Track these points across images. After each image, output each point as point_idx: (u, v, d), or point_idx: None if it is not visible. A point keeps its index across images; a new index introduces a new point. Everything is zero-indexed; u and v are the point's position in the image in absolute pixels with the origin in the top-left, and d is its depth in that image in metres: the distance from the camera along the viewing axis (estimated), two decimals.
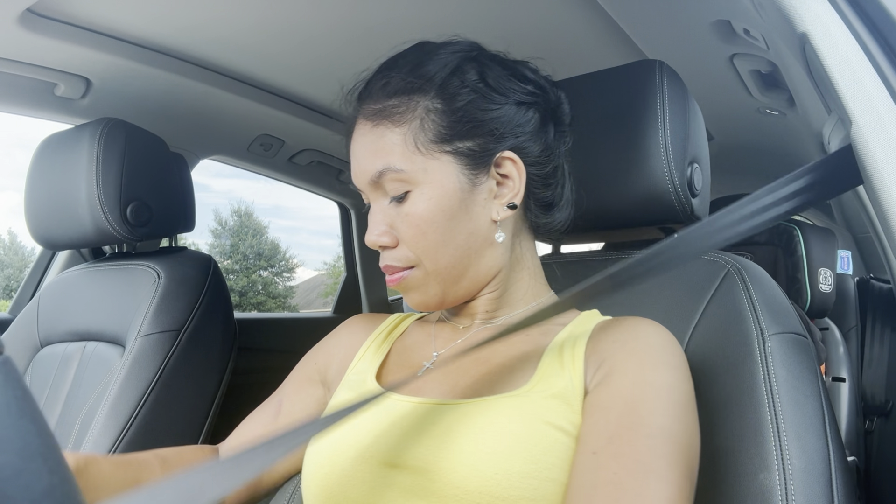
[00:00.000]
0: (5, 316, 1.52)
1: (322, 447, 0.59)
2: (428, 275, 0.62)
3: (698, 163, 0.74)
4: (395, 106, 0.60)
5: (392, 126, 0.60)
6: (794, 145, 1.67)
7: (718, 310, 0.66)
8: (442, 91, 0.60)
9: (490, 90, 0.61)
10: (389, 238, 0.62)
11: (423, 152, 0.59)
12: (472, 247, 0.61)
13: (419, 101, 0.60)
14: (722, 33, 1.10)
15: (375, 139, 0.61)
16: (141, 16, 1.10)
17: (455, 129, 0.59)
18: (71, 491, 0.29)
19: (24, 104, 1.27)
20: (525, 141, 0.62)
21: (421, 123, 0.59)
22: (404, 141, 0.59)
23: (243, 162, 1.75)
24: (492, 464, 0.50)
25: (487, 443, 0.51)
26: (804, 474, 0.53)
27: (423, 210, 0.59)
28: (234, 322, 1.21)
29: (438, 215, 0.59)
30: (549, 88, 0.66)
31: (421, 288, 0.63)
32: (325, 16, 1.10)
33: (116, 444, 0.97)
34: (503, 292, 0.66)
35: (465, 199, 0.60)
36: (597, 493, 0.47)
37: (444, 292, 0.63)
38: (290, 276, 27.40)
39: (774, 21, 0.60)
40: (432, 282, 0.62)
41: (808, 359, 0.60)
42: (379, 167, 0.60)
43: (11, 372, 0.30)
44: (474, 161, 0.60)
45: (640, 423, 0.49)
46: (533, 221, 0.67)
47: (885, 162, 0.46)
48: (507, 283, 0.66)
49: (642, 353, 0.55)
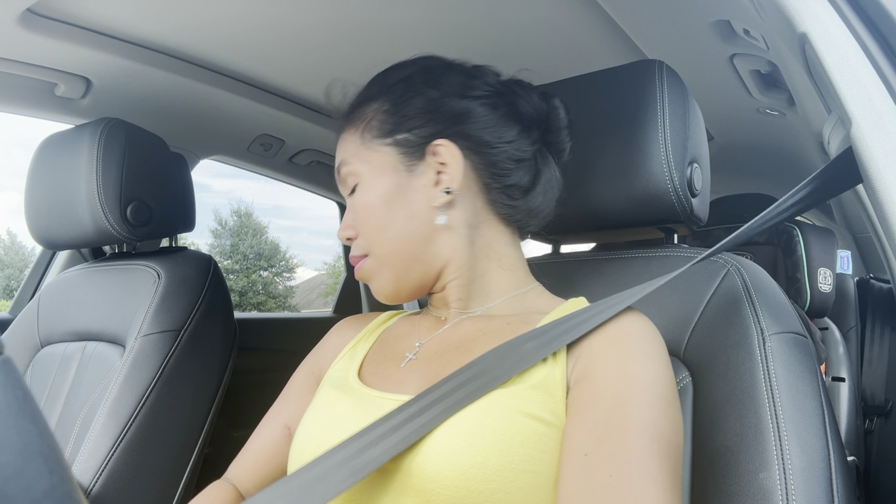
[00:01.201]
0: (5, 316, 1.52)
1: (305, 446, 0.60)
2: (378, 261, 0.66)
3: (698, 163, 0.74)
4: (354, 111, 0.69)
5: (350, 128, 0.69)
6: (794, 145, 1.67)
7: (718, 309, 0.66)
8: (390, 94, 0.67)
9: (429, 87, 0.66)
10: (352, 231, 0.68)
11: (368, 147, 0.66)
12: (414, 231, 0.65)
13: (371, 104, 0.68)
14: (722, 33, 1.10)
15: (341, 142, 0.70)
16: (141, 16, 1.10)
17: (396, 125, 0.65)
18: (71, 491, 0.29)
19: (25, 104, 1.27)
20: (470, 130, 0.65)
21: (369, 122, 0.67)
22: (354, 140, 0.68)
23: (243, 162, 1.75)
24: (467, 457, 0.50)
25: (463, 436, 0.51)
26: (804, 474, 0.53)
27: (365, 198, 0.66)
28: (234, 322, 1.21)
29: (376, 201, 0.65)
30: (524, 94, 0.69)
31: (376, 275, 0.67)
32: (326, 15, 1.10)
33: (116, 444, 0.97)
34: (470, 280, 0.67)
35: (402, 185, 0.65)
36: (594, 497, 0.47)
37: (397, 279, 0.66)
38: (290, 276, 27.42)
39: (774, 21, 0.60)
40: (383, 269, 0.66)
41: (808, 358, 0.60)
42: (337, 163, 0.69)
43: (11, 372, 0.30)
44: (411, 150, 0.65)
45: (629, 421, 0.50)
46: (496, 211, 0.68)
47: (885, 162, 0.46)
48: (472, 271, 0.67)
49: (623, 343, 0.55)
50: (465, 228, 0.66)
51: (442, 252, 0.66)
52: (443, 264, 0.66)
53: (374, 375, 0.66)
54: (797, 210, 0.60)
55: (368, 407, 0.59)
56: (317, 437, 0.59)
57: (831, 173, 0.56)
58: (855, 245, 2.55)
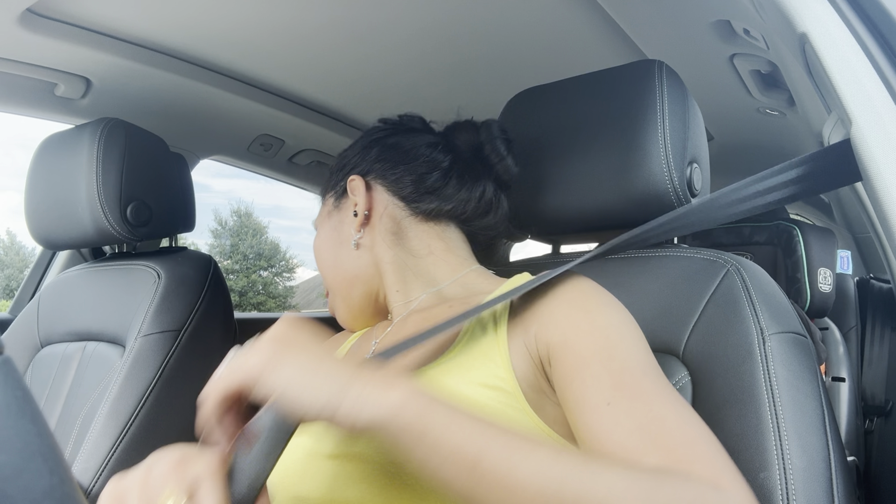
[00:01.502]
0: (5, 316, 1.52)
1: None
2: (333, 294, 0.78)
3: (698, 163, 0.74)
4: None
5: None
6: (794, 145, 1.67)
7: (718, 309, 0.66)
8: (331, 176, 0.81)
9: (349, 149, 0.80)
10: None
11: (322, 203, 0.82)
12: (342, 255, 0.75)
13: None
14: (722, 33, 1.10)
15: None
16: (141, 16, 1.10)
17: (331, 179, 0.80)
18: (71, 491, 0.29)
19: (25, 104, 1.27)
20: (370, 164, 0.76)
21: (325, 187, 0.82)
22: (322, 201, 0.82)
23: (243, 162, 1.75)
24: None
25: None
26: (804, 474, 0.53)
27: (315, 242, 0.80)
28: (234, 322, 1.21)
29: (319, 246, 0.79)
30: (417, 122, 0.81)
31: (336, 308, 0.79)
32: (326, 15, 1.10)
33: (117, 445, 0.97)
34: (404, 280, 0.73)
35: (334, 227, 0.77)
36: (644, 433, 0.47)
37: (348, 305, 0.76)
38: (290, 277, 27.40)
39: (774, 21, 0.60)
40: (337, 299, 0.77)
41: (809, 358, 0.60)
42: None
43: (11, 372, 0.30)
44: (336, 193, 0.78)
45: (629, 364, 0.51)
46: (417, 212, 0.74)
47: (885, 162, 0.46)
48: (403, 272, 0.73)
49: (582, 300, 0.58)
50: (389, 237, 0.74)
51: (371, 267, 0.74)
52: (379, 278, 0.74)
53: None
54: (782, 198, 0.59)
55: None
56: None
57: (823, 164, 0.55)
58: (855, 245, 2.55)
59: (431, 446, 0.42)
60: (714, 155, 1.00)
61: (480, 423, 0.43)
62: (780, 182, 0.58)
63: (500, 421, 0.50)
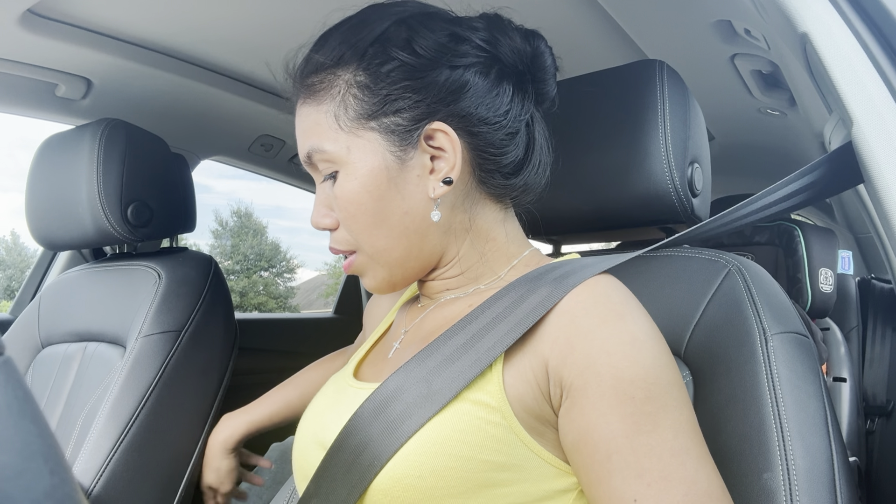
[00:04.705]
0: (6, 317, 1.52)
1: (297, 430, 0.65)
2: (371, 258, 0.60)
3: (699, 163, 0.74)
4: (318, 82, 0.58)
5: (315, 104, 0.58)
6: (795, 145, 1.67)
7: (719, 309, 0.66)
8: (364, 62, 0.56)
9: (416, 57, 0.55)
10: (330, 220, 0.61)
11: (345, 130, 0.56)
12: (411, 227, 0.57)
13: (341, 74, 0.57)
14: (723, 33, 1.10)
15: (303, 119, 0.59)
16: (142, 16, 1.10)
17: (378, 104, 0.55)
18: (71, 492, 0.29)
19: (25, 105, 1.27)
20: (464, 109, 0.56)
21: (342, 100, 0.56)
22: (326, 119, 0.57)
23: (244, 162, 1.75)
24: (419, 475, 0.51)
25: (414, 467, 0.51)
26: (808, 474, 0.53)
27: (350, 191, 0.56)
28: (234, 322, 1.21)
29: (365, 196, 0.56)
30: (508, 41, 0.59)
31: (369, 272, 0.61)
32: (327, 16, 1.10)
33: (117, 445, 0.97)
34: (463, 269, 0.62)
35: (394, 178, 0.56)
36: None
37: (391, 275, 0.61)
38: (290, 277, 27.42)
39: (775, 21, 0.60)
40: (377, 265, 0.60)
41: (811, 359, 0.60)
42: (306, 148, 0.58)
43: (12, 372, 0.30)
44: (401, 136, 0.56)
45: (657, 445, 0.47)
46: (489, 191, 0.61)
47: (887, 162, 0.46)
48: (465, 259, 0.61)
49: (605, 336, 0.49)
50: (459, 214, 0.60)
51: (438, 245, 0.60)
52: (439, 257, 0.61)
53: (367, 366, 0.68)
54: (793, 206, 0.59)
55: (340, 396, 0.62)
56: (301, 422, 0.65)
57: (829, 170, 0.56)
58: (856, 245, 2.55)
59: None
60: (715, 155, 1.00)
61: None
62: (792, 191, 0.58)
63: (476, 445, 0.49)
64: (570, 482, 0.52)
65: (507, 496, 0.50)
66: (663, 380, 0.49)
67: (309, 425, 0.63)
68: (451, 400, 0.50)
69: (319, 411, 0.63)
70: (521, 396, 0.51)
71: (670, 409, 0.48)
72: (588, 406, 0.48)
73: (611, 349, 0.48)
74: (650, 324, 0.52)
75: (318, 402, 0.65)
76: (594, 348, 0.48)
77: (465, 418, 0.50)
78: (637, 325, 0.50)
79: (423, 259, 0.60)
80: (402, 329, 0.67)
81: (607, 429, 0.47)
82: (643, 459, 0.46)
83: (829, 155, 0.55)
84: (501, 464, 0.49)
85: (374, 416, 0.52)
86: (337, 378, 0.67)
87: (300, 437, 0.63)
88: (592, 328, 0.49)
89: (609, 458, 0.46)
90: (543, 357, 0.50)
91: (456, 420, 0.50)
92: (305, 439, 0.62)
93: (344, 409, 0.57)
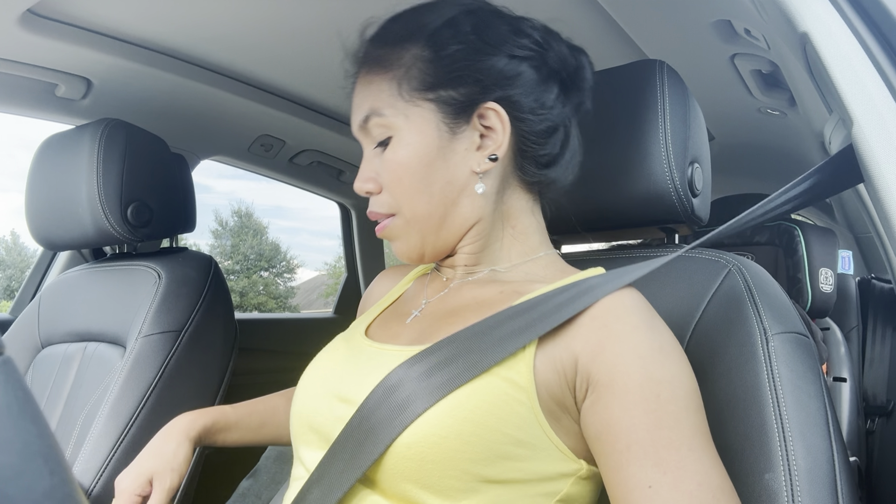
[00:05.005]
0: (6, 317, 1.52)
1: (303, 383, 0.66)
2: (407, 223, 0.64)
3: (699, 163, 0.74)
4: (386, 54, 0.62)
5: (380, 72, 0.62)
6: (795, 145, 1.67)
7: (720, 309, 0.66)
8: (432, 40, 0.61)
9: (480, 41, 0.61)
10: (374, 185, 0.64)
11: (405, 99, 0.61)
12: (450, 196, 0.62)
13: (409, 49, 0.61)
14: (723, 33, 1.10)
15: (366, 86, 0.64)
16: (142, 16, 1.10)
17: (439, 78, 0.60)
18: (72, 492, 0.29)
19: (25, 105, 1.27)
20: (516, 95, 0.61)
21: (407, 71, 0.61)
22: (389, 87, 0.62)
23: (244, 162, 1.75)
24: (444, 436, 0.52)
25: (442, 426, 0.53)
26: (809, 475, 0.53)
27: (402, 156, 0.61)
28: (234, 322, 1.21)
29: (415, 161, 0.61)
30: (557, 47, 0.64)
31: (403, 237, 0.65)
32: (327, 16, 1.10)
33: (117, 445, 0.97)
34: (483, 246, 0.66)
35: (443, 148, 0.61)
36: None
37: (424, 242, 0.64)
38: (290, 277, 27.42)
39: (775, 21, 0.60)
40: (412, 230, 0.64)
41: (811, 359, 0.60)
42: (364, 112, 0.63)
43: (12, 372, 0.30)
44: (456, 110, 0.61)
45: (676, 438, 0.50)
46: (522, 177, 0.66)
47: (887, 161, 0.46)
48: (488, 237, 0.66)
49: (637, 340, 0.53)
50: (493, 194, 0.64)
51: (467, 217, 0.64)
52: (466, 229, 0.65)
53: (379, 328, 0.69)
54: (794, 206, 0.60)
55: (358, 354, 0.64)
56: (310, 377, 0.66)
57: (830, 171, 0.56)
58: (856, 245, 2.55)
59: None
60: (715, 155, 1.00)
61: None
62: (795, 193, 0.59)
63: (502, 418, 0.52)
64: (572, 468, 0.55)
65: (518, 470, 0.53)
66: (687, 387, 0.53)
67: (325, 382, 0.63)
68: (484, 371, 0.53)
69: (336, 369, 0.64)
70: (548, 382, 0.54)
71: (691, 411, 0.52)
72: (613, 400, 0.52)
73: (642, 353, 0.52)
74: (674, 337, 0.56)
75: (331, 360, 0.66)
76: (626, 350, 0.53)
77: (495, 391, 0.53)
78: (664, 337, 0.55)
79: (454, 230, 0.64)
80: (422, 299, 0.70)
81: (630, 422, 0.50)
82: (662, 451, 0.49)
83: (833, 157, 0.55)
84: (519, 439, 0.52)
85: (425, 376, 0.54)
86: (346, 339, 0.69)
87: (312, 393, 0.63)
88: (624, 333, 0.54)
89: (629, 448, 0.50)
90: (574, 352, 0.54)
91: (486, 391, 0.52)
92: (321, 395, 0.62)
93: (371, 367, 0.59)
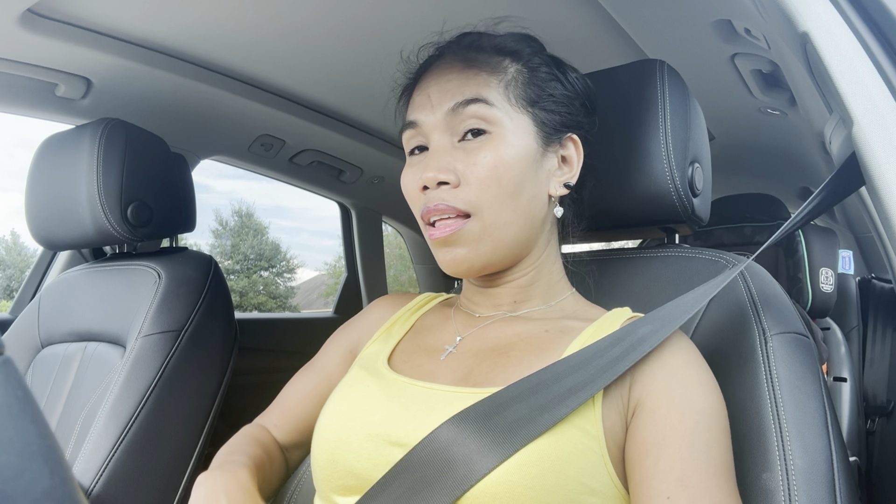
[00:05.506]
0: (6, 316, 1.52)
1: (329, 424, 0.61)
2: (485, 228, 0.60)
3: (699, 162, 0.74)
4: (490, 57, 0.63)
5: (487, 70, 0.62)
6: (796, 145, 1.67)
7: (720, 309, 0.66)
8: (528, 63, 0.64)
9: (561, 78, 0.65)
10: (452, 176, 0.60)
11: (511, 103, 0.62)
12: (531, 211, 0.62)
13: (511, 63, 0.63)
14: (723, 33, 1.10)
15: (469, 75, 0.62)
16: (142, 16, 1.10)
17: (539, 97, 0.63)
18: (72, 492, 0.29)
19: (25, 104, 1.27)
20: (585, 134, 0.66)
21: (513, 79, 0.62)
22: (497, 86, 0.62)
23: (244, 162, 1.75)
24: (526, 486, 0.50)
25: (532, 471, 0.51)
26: (807, 475, 0.53)
27: (505, 156, 0.59)
28: (234, 322, 1.21)
29: (516, 164, 0.60)
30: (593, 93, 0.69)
31: (473, 243, 0.60)
32: (327, 16, 1.10)
33: (117, 445, 0.97)
34: (531, 282, 0.66)
35: (536, 162, 0.62)
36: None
37: (494, 252, 0.61)
38: (290, 277, 27.40)
39: (775, 20, 0.60)
40: (486, 237, 0.60)
41: (811, 359, 0.60)
42: (468, 95, 0.61)
43: (12, 372, 0.30)
44: (548, 131, 0.63)
45: (704, 461, 0.50)
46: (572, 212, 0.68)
47: (887, 162, 0.46)
48: (539, 270, 0.66)
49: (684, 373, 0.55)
50: (550, 229, 0.66)
51: (536, 241, 0.64)
52: (526, 254, 0.64)
53: (405, 364, 0.65)
54: (808, 217, 0.61)
55: (399, 393, 0.60)
56: (343, 415, 0.60)
57: (837, 180, 0.56)
58: (857, 245, 2.55)
59: None
60: (715, 155, 1.00)
61: None
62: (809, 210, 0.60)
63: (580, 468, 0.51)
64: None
65: None
66: (723, 424, 0.54)
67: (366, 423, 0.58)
68: (560, 421, 0.52)
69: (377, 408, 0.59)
70: (614, 427, 0.54)
71: (723, 446, 0.53)
72: (651, 422, 0.53)
73: (689, 384, 0.54)
74: (715, 380, 0.57)
75: (365, 397, 0.61)
76: (673, 380, 0.54)
77: (572, 441, 0.52)
78: (709, 377, 0.56)
79: (517, 249, 0.63)
80: (453, 334, 0.66)
81: (664, 441, 0.51)
82: (688, 469, 0.50)
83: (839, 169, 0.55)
84: (593, 488, 0.52)
85: (486, 419, 0.52)
86: (372, 373, 0.64)
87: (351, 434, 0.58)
88: (675, 367, 0.55)
89: (656, 463, 0.51)
90: (628, 385, 0.55)
91: (565, 441, 0.52)
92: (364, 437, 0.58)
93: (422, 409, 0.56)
